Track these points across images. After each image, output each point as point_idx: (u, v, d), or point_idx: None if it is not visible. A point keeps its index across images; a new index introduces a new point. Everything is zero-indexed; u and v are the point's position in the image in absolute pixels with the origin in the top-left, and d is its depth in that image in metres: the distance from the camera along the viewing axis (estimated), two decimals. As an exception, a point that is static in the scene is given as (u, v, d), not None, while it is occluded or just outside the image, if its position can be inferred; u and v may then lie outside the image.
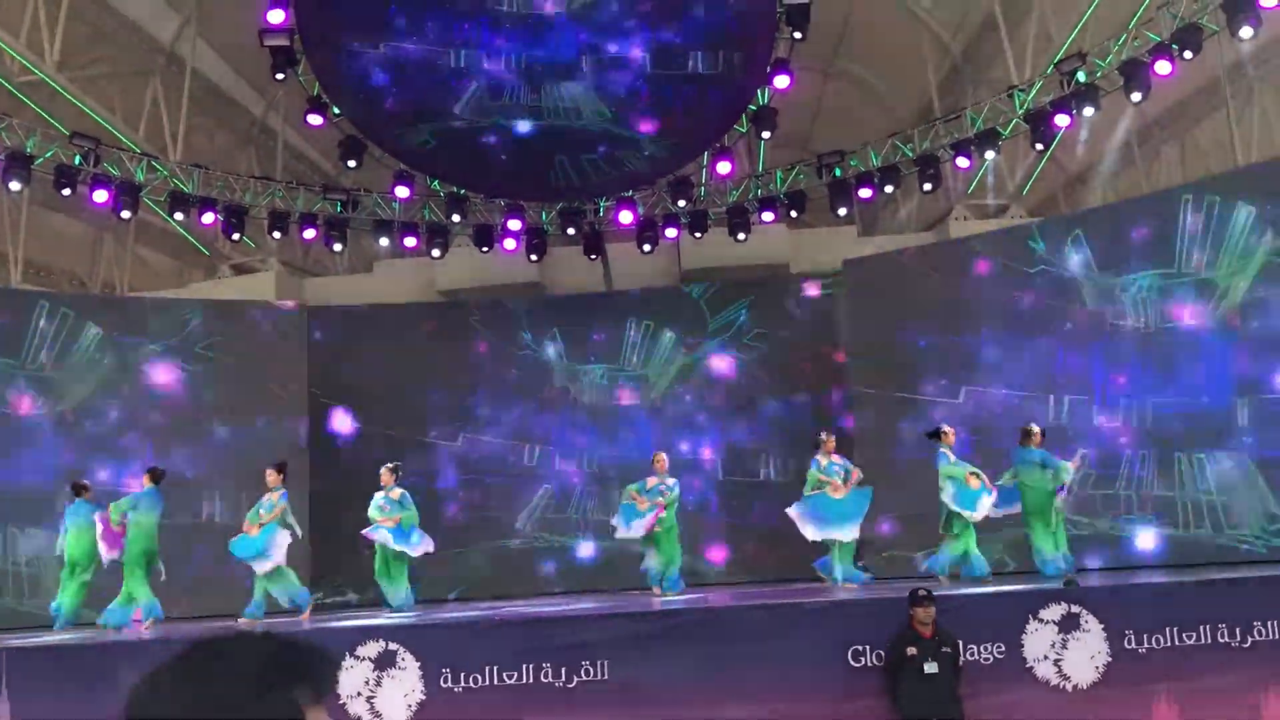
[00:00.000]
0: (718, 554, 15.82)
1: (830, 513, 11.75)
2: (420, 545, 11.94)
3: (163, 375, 15.04)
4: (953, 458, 11.65)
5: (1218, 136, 17.90)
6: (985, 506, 11.35)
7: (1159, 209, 13.56)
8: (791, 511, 11.97)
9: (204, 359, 15.20)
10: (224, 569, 12.66)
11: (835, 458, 12.15)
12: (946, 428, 12.03)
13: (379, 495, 11.91)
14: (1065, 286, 13.84)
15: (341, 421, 16.13)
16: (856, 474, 12.06)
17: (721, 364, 16.39)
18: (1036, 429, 11.63)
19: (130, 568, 11.26)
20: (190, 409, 15.13)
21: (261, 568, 11.46)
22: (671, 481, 12.40)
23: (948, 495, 11.47)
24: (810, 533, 11.89)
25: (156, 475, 11.73)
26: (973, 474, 11.47)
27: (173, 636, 9.60)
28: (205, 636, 1.55)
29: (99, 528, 11.32)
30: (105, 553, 11.33)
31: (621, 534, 12.56)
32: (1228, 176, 14.01)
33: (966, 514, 11.36)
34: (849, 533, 11.79)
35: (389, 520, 11.75)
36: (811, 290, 16.42)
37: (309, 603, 11.91)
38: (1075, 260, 13.76)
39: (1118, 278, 13.41)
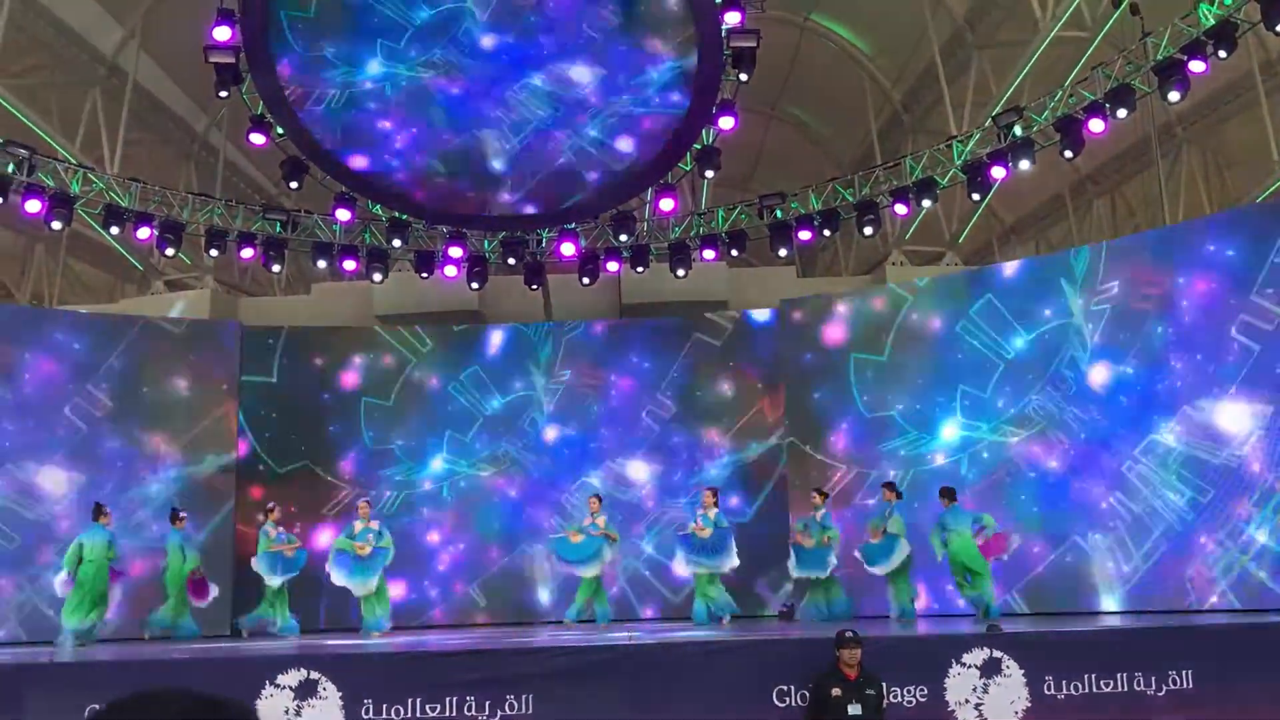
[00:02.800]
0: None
1: (570, 554, 13.67)
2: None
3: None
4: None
5: (1147, 194, 18.44)
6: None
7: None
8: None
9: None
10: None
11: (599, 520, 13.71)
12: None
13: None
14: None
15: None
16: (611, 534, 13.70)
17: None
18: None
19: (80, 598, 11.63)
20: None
21: None
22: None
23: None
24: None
25: (98, 512, 12.10)
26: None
27: (89, 659, 9.38)
28: (121, 699, 1.53)
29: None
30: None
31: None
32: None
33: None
34: (585, 571, 13.57)
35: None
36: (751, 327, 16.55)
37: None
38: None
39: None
